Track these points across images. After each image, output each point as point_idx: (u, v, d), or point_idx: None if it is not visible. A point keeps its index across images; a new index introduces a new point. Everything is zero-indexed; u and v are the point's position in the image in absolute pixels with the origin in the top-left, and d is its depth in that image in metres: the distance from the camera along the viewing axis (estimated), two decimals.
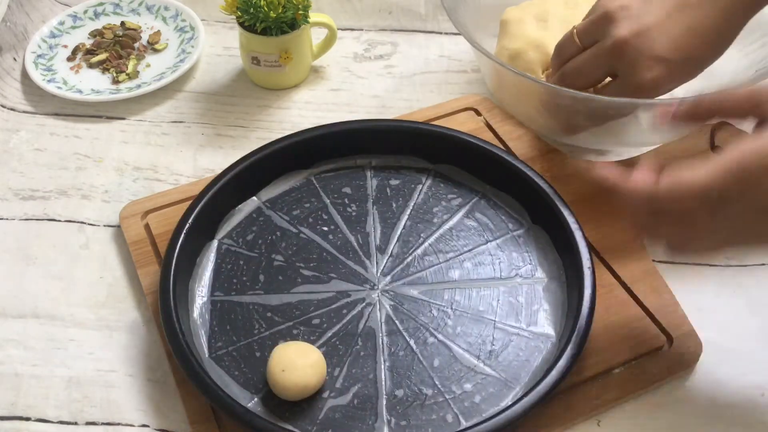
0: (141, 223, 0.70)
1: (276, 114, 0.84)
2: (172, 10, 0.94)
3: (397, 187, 0.73)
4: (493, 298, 0.64)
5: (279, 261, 0.67)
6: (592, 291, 0.60)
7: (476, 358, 0.60)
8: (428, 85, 0.87)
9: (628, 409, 0.59)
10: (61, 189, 0.76)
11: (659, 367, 0.60)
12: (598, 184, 0.52)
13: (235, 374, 0.59)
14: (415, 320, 0.63)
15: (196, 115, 0.84)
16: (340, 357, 0.61)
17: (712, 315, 0.64)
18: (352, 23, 0.95)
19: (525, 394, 0.55)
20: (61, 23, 0.92)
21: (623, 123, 0.73)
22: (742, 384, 0.61)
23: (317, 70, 0.89)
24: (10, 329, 0.65)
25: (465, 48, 0.90)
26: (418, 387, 0.59)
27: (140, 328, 0.65)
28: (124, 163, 0.78)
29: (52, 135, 0.81)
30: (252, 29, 0.80)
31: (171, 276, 0.61)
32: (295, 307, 0.64)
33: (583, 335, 0.58)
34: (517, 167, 0.69)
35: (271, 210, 0.71)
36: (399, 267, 0.67)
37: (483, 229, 0.69)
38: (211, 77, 0.88)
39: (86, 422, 0.59)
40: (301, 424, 0.57)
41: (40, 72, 0.86)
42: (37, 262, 0.70)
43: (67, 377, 0.62)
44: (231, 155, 0.76)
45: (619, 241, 0.68)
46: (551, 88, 0.72)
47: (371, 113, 0.83)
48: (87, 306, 0.66)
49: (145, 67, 0.88)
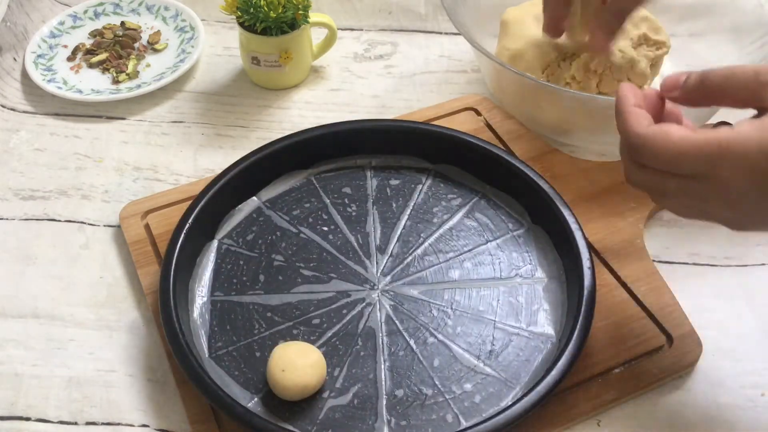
0: (141, 223, 0.70)
1: (276, 114, 0.84)
2: (172, 10, 0.94)
3: (397, 187, 0.73)
4: (493, 298, 0.64)
5: (279, 261, 0.67)
6: (592, 291, 0.60)
7: (476, 358, 0.60)
8: (428, 85, 0.87)
9: (628, 409, 0.59)
10: (61, 189, 0.76)
11: (659, 367, 0.60)
12: (616, 98, 0.53)
13: (235, 374, 0.59)
14: (415, 320, 0.63)
15: (196, 115, 0.84)
16: (340, 357, 0.61)
17: (712, 315, 0.64)
18: (352, 23, 0.95)
19: (525, 394, 0.55)
20: (61, 23, 0.92)
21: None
22: (742, 384, 0.61)
23: (317, 70, 0.89)
24: (10, 329, 0.65)
25: (465, 48, 0.90)
26: (418, 387, 0.59)
27: (140, 328, 0.65)
28: (124, 163, 0.78)
29: (52, 135, 0.81)
30: (252, 29, 0.80)
31: (171, 276, 0.61)
32: (295, 307, 0.64)
33: (583, 335, 0.58)
34: (517, 167, 0.69)
35: (271, 210, 0.71)
36: (399, 267, 0.67)
37: (483, 229, 0.69)
38: (211, 77, 0.88)
39: (86, 422, 0.59)
40: (301, 424, 0.57)
41: (40, 72, 0.86)
42: (37, 262, 0.70)
43: (67, 377, 0.62)
44: (231, 155, 0.76)
45: (619, 241, 0.68)
46: (551, 88, 0.72)
47: (371, 113, 0.83)
48: (87, 306, 0.66)
49: (145, 67, 0.88)
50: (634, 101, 0.52)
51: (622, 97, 0.52)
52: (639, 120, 0.50)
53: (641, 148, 0.49)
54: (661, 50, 0.78)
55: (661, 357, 0.60)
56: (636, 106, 0.52)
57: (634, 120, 0.50)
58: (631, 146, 0.50)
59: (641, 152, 0.50)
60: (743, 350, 0.62)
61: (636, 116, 0.51)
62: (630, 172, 0.52)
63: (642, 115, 0.51)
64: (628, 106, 0.52)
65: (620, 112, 0.52)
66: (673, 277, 0.65)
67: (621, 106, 0.52)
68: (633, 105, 0.52)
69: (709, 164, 0.47)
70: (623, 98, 0.52)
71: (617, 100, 0.53)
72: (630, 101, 0.52)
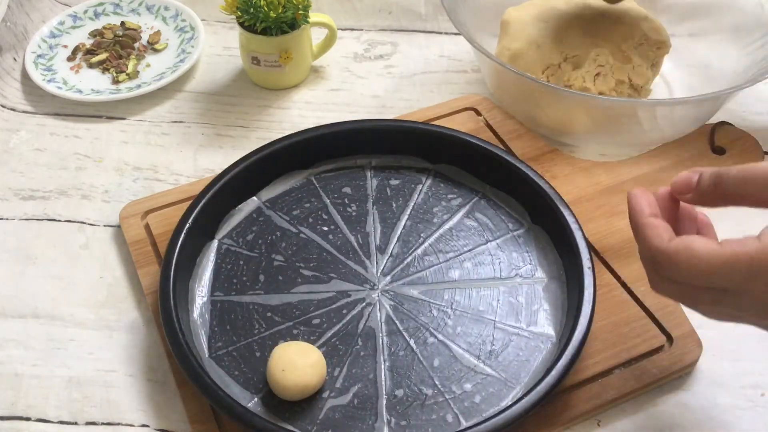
0: (141, 223, 0.70)
1: (276, 114, 0.84)
2: (172, 10, 0.94)
3: (397, 187, 0.73)
4: (493, 298, 0.64)
5: (279, 261, 0.67)
6: (592, 291, 0.60)
7: (476, 358, 0.60)
8: (428, 85, 0.87)
9: (628, 409, 0.59)
10: (61, 189, 0.76)
11: (659, 367, 0.60)
12: (630, 209, 0.51)
13: (235, 374, 0.59)
14: (415, 320, 0.63)
15: (196, 115, 0.84)
16: (340, 357, 0.61)
17: None
18: (352, 23, 0.95)
19: (525, 394, 0.55)
20: (61, 23, 0.92)
21: (623, 123, 0.74)
22: (742, 384, 0.61)
23: (317, 70, 0.89)
24: (10, 329, 0.65)
25: (465, 48, 0.90)
26: (418, 387, 0.59)
27: (140, 328, 0.65)
28: (124, 163, 0.78)
29: (52, 135, 0.81)
30: (252, 29, 0.80)
31: (171, 276, 0.61)
32: (295, 307, 0.64)
33: (583, 335, 0.58)
34: (517, 167, 0.69)
35: (271, 210, 0.71)
36: (399, 267, 0.67)
37: (483, 229, 0.69)
38: (211, 77, 0.88)
39: (86, 422, 0.59)
40: (301, 424, 0.57)
41: (40, 72, 0.86)
42: (37, 262, 0.70)
43: (67, 377, 0.62)
44: (231, 155, 0.76)
45: (619, 241, 0.68)
46: (551, 88, 0.72)
47: (371, 113, 0.83)
48: (87, 306, 0.66)
49: (145, 67, 0.88)
50: (649, 211, 0.50)
51: (636, 207, 0.50)
52: (659, 233, 0.48)
53: (667, 265, 0.47)
54: (661, 50, 0.78)
55: (661, 357, 0.60)
56: (652, 215, 0.49)
57: (654, 234, 0.48)
58: (655, 262, 0.48)
59: (667, 268, 0.48)
60: (743, 350, 0.62)
61: (655, 229, 0.49)
62: (655, 283, 0.51)
63: (662, 228, 0.49)
64: (644, 218, 0.49)
65: (637, 225, 0.50)
66: None
67: (637, 219, 0.50)
68: (649, 216, 0.49)
69: (741, 280, 0.45)
70: (637, 210, 0.50)
71: (631, 211, 0.50)
72: (645, 212, 0.50)
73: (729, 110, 0.80)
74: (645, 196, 0.51)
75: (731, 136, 0.76)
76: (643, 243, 0.49)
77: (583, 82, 0.75)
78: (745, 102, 0.82)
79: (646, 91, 0.79)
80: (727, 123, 0.78)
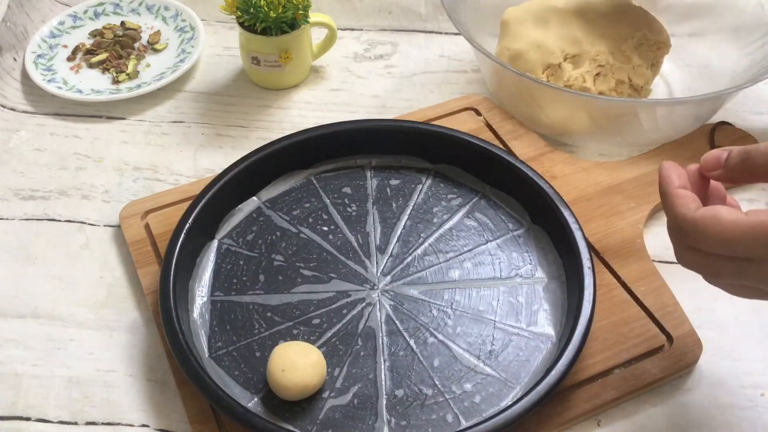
0: (141, 223, 0.70)
1: (276, 114, 0.84)
2: (172, 10, 0.94)
3: (397, 187, 0.73)
4: (493, 298, 0.64)
5: (279, 261, 0.67)
6: (592, 291, 0.60)
7: (476, 358, 0.60)
8: (428, 85, 0.87)
9: (628, 409, 0.59)
10: (61, 189, 0.76)
11: (659, 367, 0.60)
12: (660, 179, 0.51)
13: (235, 374, 0.59)
14: (415, 320, 0.63)
15: (196, 115, 0.84)
16: (340, 357, 0.61)
17: (712, 315, 0.64)
18: (352, 23, 0.95)
19: (525, 394, 0.55)
20: (61, 23, 0.92)
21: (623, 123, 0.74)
22: (742, 384, 0.61)
23: (317, 70, 0.89)
24: (10, 329, 0.65)
25: (465, 48, 0.90)
26: (418, 387, 0.59)
27: (140, 328, 0.65)
28: (124, 163, 0.78)
29: (52, 135, 0.81)
30: (252, 29, 0.80)
31: (171, 276, 0.61)
32: (295, 307, 0.64)
33: (583, 335, 0.58)
34: (517, 167, 0.69)
35: (271, 210, 0.71)
36: (399, 267, 0.67)
37: (483, 229, 0.69)
38: (211, 77, 0.88)
39: (86, 422, 0.59)
40: (301, 424, 0.57)
41: (40, 72, 0.86)
42: (37, 262, 0.70)
43: (67, 377, 0.62)
44: (231, 155, 0.76)
45: (619, 241, 0.68)
46: (551, 88, 0.72)
47: (371, 113, 0.83)
48: (87, 306, 0.66)
49: (145, 67, 0.88)
50: (678, 182, 0.50)
51: (666, 178, 0.51)
52: (686, 203, 0.49)
53: (692, 233, 0.48)
54: (661, 50, 0.78)
55: (661, 357, 0.60)
56: (681, 187, 0.50)
57: (682, 203, 0.49)
58: (680, 230, 0.49)
59: (692, 236, 0.48)
60: (743, 350, 0.62)
61: (683, 199, 0.49)
62: (680, 254, 0.51)
63: (689, 198, 0.49)
64: (672, 188, 0.50)
65: (666, 194, 0.50)
66: (673, 277, 0.65)
67: (666, 188, 0.51)
68: (677, 187, 0.50)
69: (766, 248, 0.45)
70: (667, 180, 0.51)
71: (661, 181, 0.51)
72: (674, 182, 0.50)
73: (729, 110, 0.80)
74: (675, 168, 0.52)
75: (731, 136, 0.77)
76: (670, 212, 0.50)
77: (583, 82, 0.76)
78: (745, 102, 0.82)
79: (646, 91, 0.79)
80: (727, 123, 0.78)
